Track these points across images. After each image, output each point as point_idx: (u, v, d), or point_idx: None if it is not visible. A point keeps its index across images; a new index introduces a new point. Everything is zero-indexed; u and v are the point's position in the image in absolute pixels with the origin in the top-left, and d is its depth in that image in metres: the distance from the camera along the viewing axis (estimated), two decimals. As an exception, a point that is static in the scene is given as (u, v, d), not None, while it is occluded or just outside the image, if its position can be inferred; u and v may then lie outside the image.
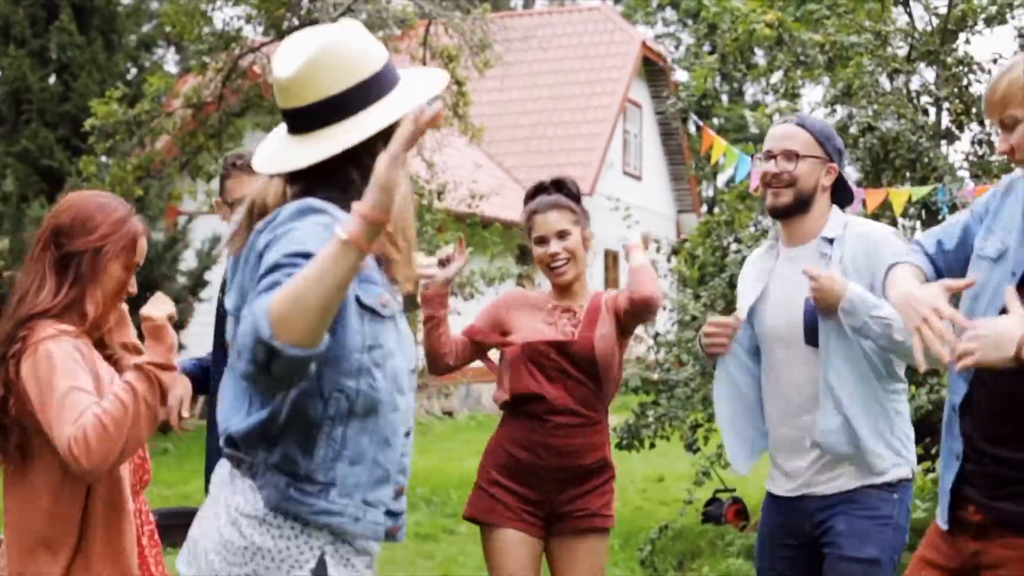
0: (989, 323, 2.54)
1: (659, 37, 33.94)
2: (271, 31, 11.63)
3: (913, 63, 7.13)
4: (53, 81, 13.65)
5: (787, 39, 7.12)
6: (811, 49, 7.06)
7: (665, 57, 25.21)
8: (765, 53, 8.24)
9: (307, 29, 2.36)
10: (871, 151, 6.64)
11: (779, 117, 5.51)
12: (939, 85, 7.01)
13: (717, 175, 23.26)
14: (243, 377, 2.06)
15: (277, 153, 2.35)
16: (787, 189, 3.48)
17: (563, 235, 3.90)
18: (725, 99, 32.69)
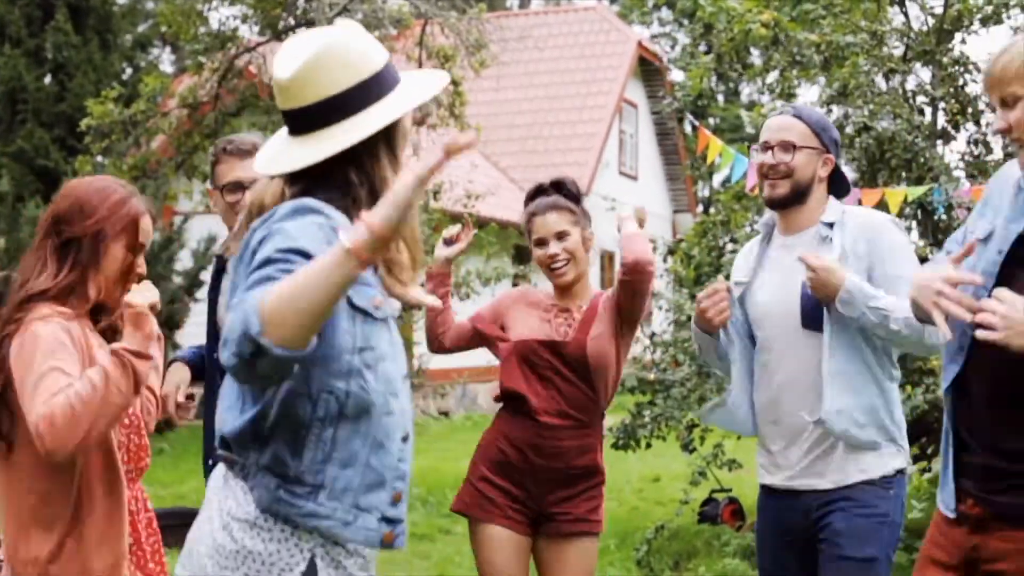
0: (1020, 306, 2.48)
1: (655, 37, 33.97)
2: (267, 31, 11.62)
3: (909, 63, 7.12)
4: (49, 81, 13.66)
5: (783, 39, 7.12)
6: (807, 49, 7.06)
7: (661, 57, 25.26)
8: (761, 53, 8.23)
9: (307, 31, 2.36)
10: (867, 151, 6.64)
11: (777, 107, 5.50)
12: (935, 85, 7.01)
13: (713, 175, 23.21)
14: (225, 365, 2.05)
15: (277, 154, 2.34)
16: (784, 180, 3.48)
17: (562, 236, 3.88)
18: (721, 99, 32.72)
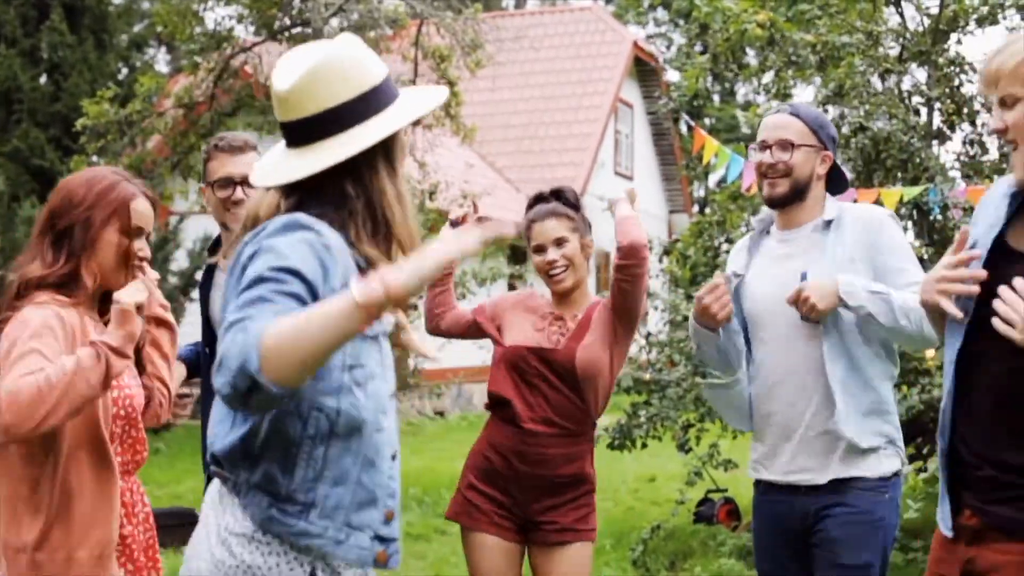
0: None
1: (651, 37, 33.99)
2: (263, 31, 11.62)
3: (905, 63, 7.13)
4: (44, 81, 13.64)
5: (779, 39, 7.13)
6: (803, 49, 7.06)
7: (657, 57, 25.26)
8: (757, 53, 8.24)
9: (307, 43, 2.35)
10: (862, 151, 6.64)
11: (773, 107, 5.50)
12: (931, 85, 7.01)
13: (708, 175, 23.24)
14: (218, 392, 2.04)
15: (274, 166, 2.33)
16: (783, 179, 3.47)
17: (560, 242, 3.85)
18: (717, 99, 32.72)
